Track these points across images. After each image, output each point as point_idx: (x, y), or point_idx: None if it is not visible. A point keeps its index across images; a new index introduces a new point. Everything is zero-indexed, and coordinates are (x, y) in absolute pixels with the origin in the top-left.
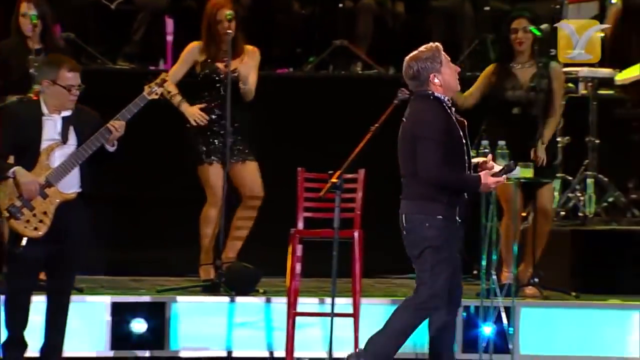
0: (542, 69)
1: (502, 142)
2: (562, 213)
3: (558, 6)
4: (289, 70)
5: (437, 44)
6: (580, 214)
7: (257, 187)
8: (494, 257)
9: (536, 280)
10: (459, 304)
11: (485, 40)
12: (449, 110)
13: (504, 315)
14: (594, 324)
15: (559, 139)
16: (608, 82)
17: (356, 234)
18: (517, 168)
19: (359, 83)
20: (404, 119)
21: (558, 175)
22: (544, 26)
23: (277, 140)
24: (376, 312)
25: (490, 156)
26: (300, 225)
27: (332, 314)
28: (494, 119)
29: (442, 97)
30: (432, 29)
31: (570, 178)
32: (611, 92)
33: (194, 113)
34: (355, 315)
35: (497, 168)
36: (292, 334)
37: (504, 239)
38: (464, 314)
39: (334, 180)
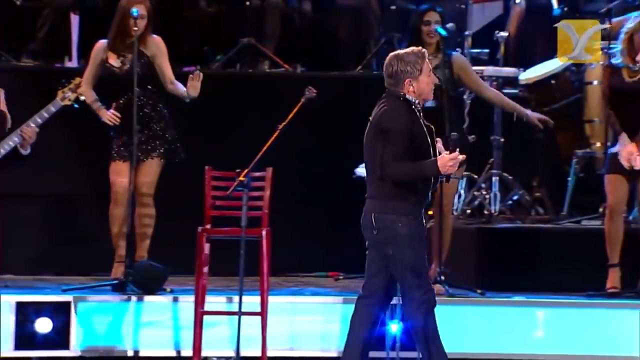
0: (444, 59)
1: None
2: (468, 211)
3: (463, 6)
4: (196, 68)
5: (423, 50)
6: (485, 212)
7: (146, 185)
8: None
9: (442, 278)
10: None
11: (392, 39)
12: (417, 114)
13: None
14: (500, 321)
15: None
16: (512, 81)
17: (264, 233)
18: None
19: (267, 81)
20: (370, 118)
21: (464, 173)
22: (449, 25)
23: (184, 138)
24: (283, 310)
25: (439, 140)
26: (208, 223)
27: (240, 313)
28: None
29: (413, 100)
30: (339, 27)
31: (475, 176)
32: (515, 91)
33: (107, 115)
34: (262, 313)
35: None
36: (200, 332)
37: None
38: None
39: (241, 178)
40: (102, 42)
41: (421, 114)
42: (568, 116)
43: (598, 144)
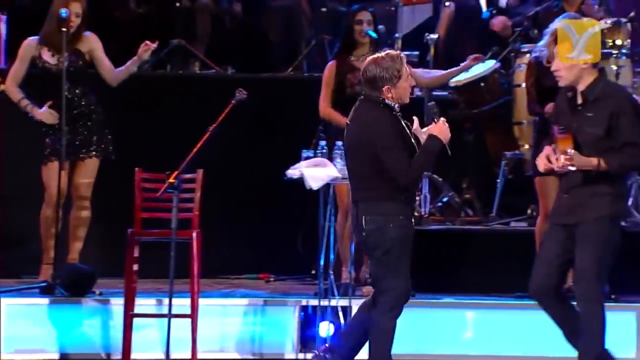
0: None
1: (339, 142)
2: None
3: (393, 8)
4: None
5: (402, 55)
6: (415, 214)
7: (84, 187)
8: (332, 256)
9: None
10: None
11: (323, 41)
12: (398, 117)
13: (341, 314)
14: (429, 322)
15: None
16: (443, 83)
17: (194, 234)
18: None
19: (197, 83)
20: (348, 122)
21: None
22: (379, 27)
23: (114, 139)
24: (214, 313)
25: (416, 119)
26: (138, 225)
27: (170, 315)
28: (341, 113)
29: (392, 104)
30: (269, 29)
31: None
32: (445, 93)
33: (43, 114)
34: (193, 316)
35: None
36: (129, 335)
37: (341, 239)
38: (302, 313)
39: (171, 180)
40: (32, 39)
41: (401, 117)
42: (497, 118)
43: (526, 146)
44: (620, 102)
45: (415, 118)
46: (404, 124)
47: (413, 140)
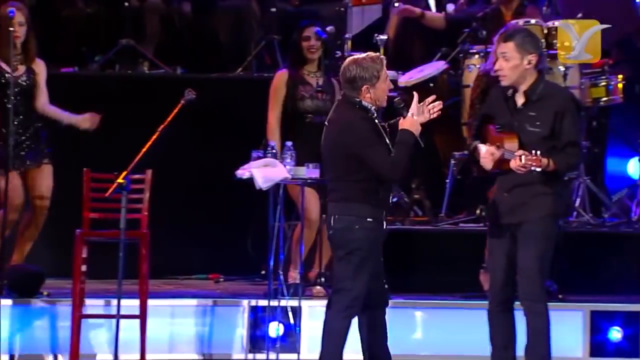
0: (326, 80)
1: (289, 143)
2: None
3: (342, 9)
4: (74, 70)
5: (382, 56)
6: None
7: (45, 190)
8: (282, 257)
9: (323, 280)
10: (387, 303)
11: (272, 41)
12: (374, 120)
13: (290, 314)
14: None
15: None
16: (392, 84)
17: (143, 235)
18: None
19: (146, 83)
20: (326, 123)
21: None
22: (329, 28)
23: (61, 140)
24: (163, 313)
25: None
26: (86, 226)
27: (118, 316)
28: (290, 125)
29: (369, 107)
30: (219, 29)
31: None
32: (395, 94)
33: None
34: (142, 316)
35: None
36: (77, 336)
37: (291, 239)
38: (251, 313)
39: (120, 180)
40: None
41: (377, 120)
42: (446, 119)
43: None
44: (565, 101)
45: (415, 93)
46: (379, 127)
47: (388, 141)
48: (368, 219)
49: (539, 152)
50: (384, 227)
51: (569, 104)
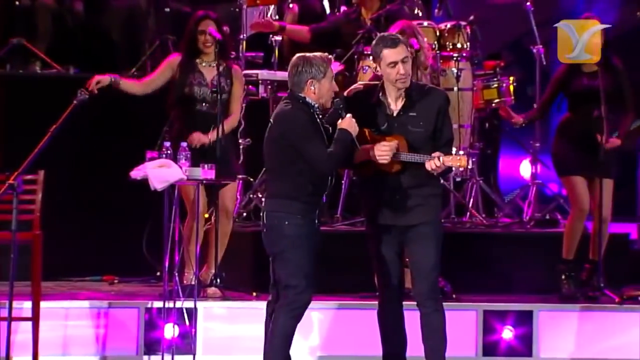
0: (224, 69)
1: (184, 144)
2: (244, 214)
3: (237, 9)
4: None
5: (330, 56)
6: (261, 215)
7: None
8: (177, 258)
9: (218, 281)
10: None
11: (167, 41)
12: (316, 117)
13: (186, 316)
14: None
15: (240, 141)
16: (287, 85)
17: (36, 236)
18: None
19: (38, 82)
20: (271, 120)
21: (240, 176)
22: (224, 28)
23: None
24: (57, 315)
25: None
26: None
27: (10, 318)
28: (180, 114)
29: (312, 103)
30: (112, 29)
31: (251, 179)
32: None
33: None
34: (35, 318)
35: None
36: None
37: (186, 240)
38: (146, 315)
39: (11, 181)
40: None
41: (319, 118)
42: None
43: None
44: (444, 101)
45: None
46: (320, 126)
47: (326, 137)
48: (298, 216)
49: (461, 152)
50: (317, 224)
51: (446, 103)
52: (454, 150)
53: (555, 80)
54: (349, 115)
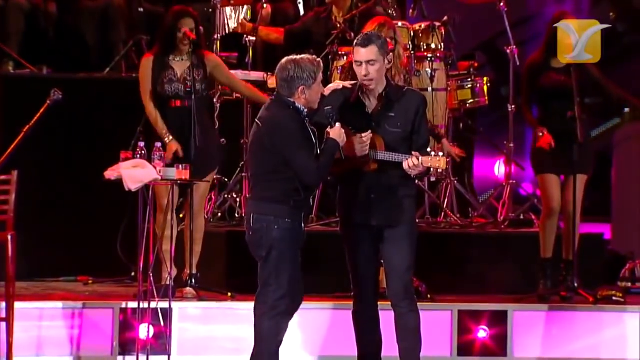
0: (196, 58)
1: (158, 144)
2: (219, 214)
3: (211, 9)
4: None
5: (318, 59)
6: (236, 215)
7: None
8: (152, 258)
9: (193, 281)
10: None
11: (140, 41)
12: (305, 121)
13: (161, 316)
14: (250, 324)
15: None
16: (261, 86)
17: (9, 237)
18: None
19: (11, 83)
20: (257, 121)
21: (215, 176)
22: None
23: None
24: (31, 315)
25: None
26: None
27: None
28: (159, 110)
29: (302, 109)
30: (86, 29)
31: (226, 179)
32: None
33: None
34: (8, 319)
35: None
36: None
37: (161, 240)
38: (121, 316)
39: None
40: None
41: (307, 121)
42: None
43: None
44: (422, 102)
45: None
46: (309, 129)
47: (316, 144)
48: (286, 220)
49: (440, 153)
50: (303, 228)
51: (424, 105)
52: (430, 151)
53: (526, 74)
54: (338, 124)
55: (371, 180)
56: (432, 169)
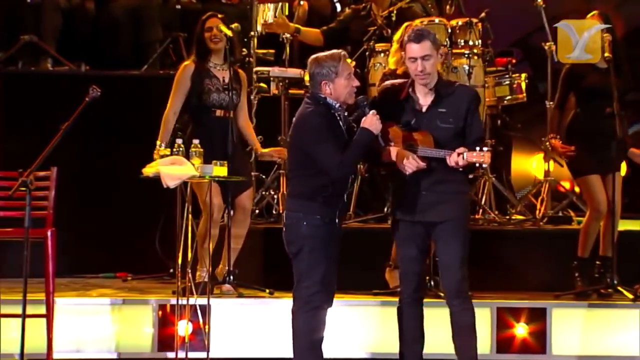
0: (234, 73)
1: (196, 141)
2: (257, 211)
3: (248, 6)
4: None
5: (343, 53)
6: (273, 212)
7: None
8: (190, 255)
9: (231, 277)
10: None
11: (178, 38)
12: (338, 118)
13: (199, 313)
14: (289, 321)
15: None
16: (298, 83)
17: (49, 233)
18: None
19: (50, 80)
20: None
21: (253, 173)
22: (234, 25)
23: None
24: (71, 312)
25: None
26: None
27: (24, 315)
28: (195, 119)
29: (333, 104)
30: (123, 26)
31: (263, 176)
32: (301, 92)
33: None
34: (48, 315)
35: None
36: None
37: (200, 239)
38: (160, 312)
39: (24, 178)
40: None
41: (341, 117)
42: None
43: None
44: (474, 97)
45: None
46: (342, 127)
47: (346, 136)
48: (316, 216)
49: (485, 148)
50: (337, 225)
51: (477, 100)
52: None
53: (565, 76)
54: (372, 112)
55: (420, 177)
56: (477, 164)
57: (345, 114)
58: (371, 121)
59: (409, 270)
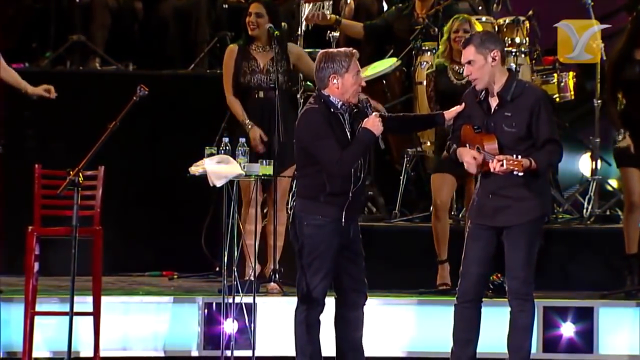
0: (279, 49)
1: (242, 140)
2: None
3: (295, 5)
4: (24, 65)
5: (354, 51)
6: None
7: None
8: (236, 253)
9: (276, 276)
10: (363, 301)
11: (225, 37)
12: (340, 118)
13: (245, 311)
14: (332, 318)
15: None
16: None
17: (96, 232)
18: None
19: (98, 79)
20: None
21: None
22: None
23: (12, 136)
24: (117, 310)
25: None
26: (37, 223)
27: (72, 313)
28: (243, 101)
29: (336, 102)
30: (171, 26)
31: None
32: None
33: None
34: (95, 313)
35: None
36: (31, 334)
37: (245, 235)
38: (206, 310)
39: (72, 177)
40: None
41: (345, 118)
42: None
43: (428, 143)
44: (539, 100)
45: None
46: (344, 127)
47: (349, 137)
48: (318, 216)
49: (520, 157)
50: (343, 225)
51: (542, 102)
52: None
53: (610, 70)
54: (374, 114)
55: (489, 181)
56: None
57: (349, 116)
58: (373, 122)
59: (467, 270)
